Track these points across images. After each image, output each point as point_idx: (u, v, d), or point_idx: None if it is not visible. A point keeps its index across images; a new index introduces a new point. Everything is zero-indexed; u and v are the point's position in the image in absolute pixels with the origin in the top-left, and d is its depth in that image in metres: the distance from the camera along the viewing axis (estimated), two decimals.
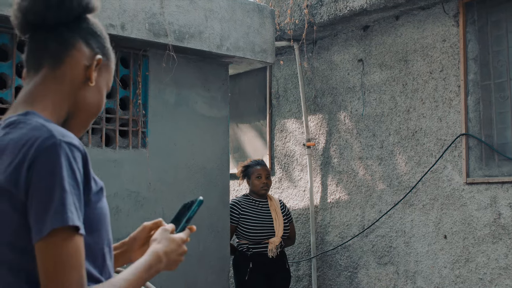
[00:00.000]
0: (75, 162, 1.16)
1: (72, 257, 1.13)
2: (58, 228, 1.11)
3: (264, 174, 4.68)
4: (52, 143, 1.14)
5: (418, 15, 4.55)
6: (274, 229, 4.57)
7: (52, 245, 1.12)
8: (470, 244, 4.12)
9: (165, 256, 1.37)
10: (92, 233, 1.23)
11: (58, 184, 1.12)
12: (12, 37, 3.48)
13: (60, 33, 1.28)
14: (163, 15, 3.88)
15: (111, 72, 1.40)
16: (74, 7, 1.26)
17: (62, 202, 1.12)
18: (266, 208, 4.68)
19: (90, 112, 1.35)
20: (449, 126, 4.30)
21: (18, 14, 1.28)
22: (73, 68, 1.29)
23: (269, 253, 4.51)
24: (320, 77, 5.31)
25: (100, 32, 1.35)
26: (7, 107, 3.46)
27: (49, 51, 1.28)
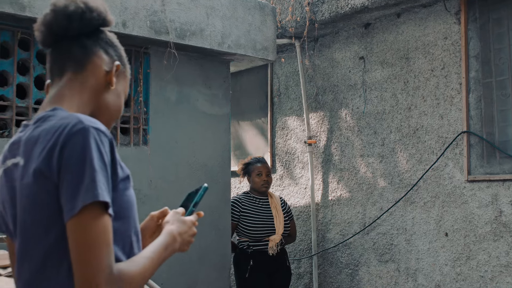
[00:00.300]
0: (103, 146, 1.23)
1: (102, 234, 1.19)
2: (88, 206, 1.18)
3: (264, 172, 4.66)
4: (81, 128, 1.22)
5: (419, 13, 4.54)
6: (274, 226, 4.56)
7: (84, 222, 1.18)
8: (471, 241, 4.12)
9: (179, 236, 1.45)
10: (120, 219, 1.30)
11: (88, 164, 1.19)
12: (13, 35, 3.48)
13: (82, 42, 1.41)
14: (165, 13, 3.88)
15: (127, 80, 1.52)
16: (93, 19, 1.40)
17: (92, 179, 1.19)
18: (267, 206, 4.66)
19: (110, 114, 1.46)
20: (451, 124, 4.29)
21: (42, 28, 1.39)
22: (94, 73, 1.41)
23: (269, 251, 4.50)
24: (322, 74, 5.31)
25: (116, 43, 1.49)
26: (8, 105, 3.46)
27: (73, 57, 1.40)
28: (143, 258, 1.30)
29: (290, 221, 4.74)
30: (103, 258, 1.18)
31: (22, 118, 3.51)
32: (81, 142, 1.20)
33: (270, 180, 4.72)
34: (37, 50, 3.61)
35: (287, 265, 4.64)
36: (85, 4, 1.39)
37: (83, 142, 1.20)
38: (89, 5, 1.40)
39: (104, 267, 1.18)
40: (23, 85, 3.57)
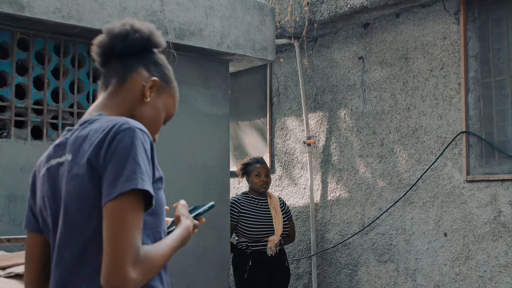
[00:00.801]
0: (146, 145, 1.38)
1: (135, 219, 1.30)
2: (125, 193, 1.29)
3: (263, 172, 4.65)
4: (128, 127, 1.36)
5: (418, 13, 4.55)
6: (273, 227, 4.55)
7: (119, 205, 1.29)
8: (470, 241, 4.12)
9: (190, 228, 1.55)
10: (152, 215, 1.42)
11: (132, 158, 1.32)
12: (12, 35, 3.48)
13: (125, 60, 1.57)
14: (164, 13, 3.88)
15: (171, 98, 1.64)
16: (136, 40, 1.55)
17: (133, 171, 1.31)
18: (266, 206, 4.65)
19: (146, 127, 1.52)
20: (450, 124, 4.30)
21: (96, 49, 1.57)
22: (133, 87, 1.55)
23: (268, 251, 4.49)
24: (321, 74, 5.31)
25: (162, 63, 1.63)
26: (7, 105, 3.45)
27: (116, 73, 1.56)
28: (165, 245, 1.40)
29: (289, 221, 4.73)
30: (133, 239, 1.28)
31: (21, 118, 3.50)
32: (128, 138, 1.34)
33: (269, 180, 4.71)
34: (36, 51, 3.61)
35: (286, 265, 4.62)
36: (131, 27, 1.56)
37: (130, 139, 1.34)
38: (134, 27, 1.56)
39: (132, 247, 1.27)
40: (22, 85, 3.56)
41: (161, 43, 1.62)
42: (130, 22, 1.58)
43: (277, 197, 4.78)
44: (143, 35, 1.57)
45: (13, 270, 2.38)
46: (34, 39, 3.57)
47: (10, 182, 3.37)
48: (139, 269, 1.28)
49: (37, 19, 3.34)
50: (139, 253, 1.28)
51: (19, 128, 3.53)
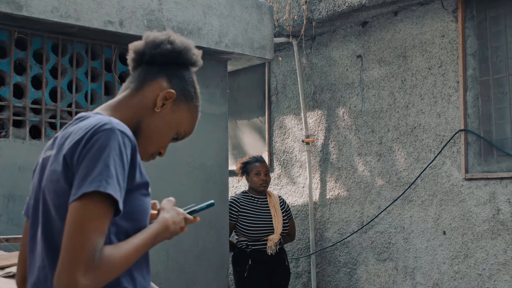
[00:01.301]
0: (124, 148, 1.32)
1: (94, 221, 1.25)
2: (89, 194, 1.25)
3: (263, 171, 4.63)
4: (108, 128, 1.32)
5: (416, 11, 4.54)
6: (273, 226, 4.52)
7: (79, 206, 1.25)
8: (469, 240, 4.12)
9: (173, 225, 1.49)
10: (132, 221, 1.38)
11: (103, 159, 1.28)
12: (10, 34, 3.47)
13: (150, 68, 1.55)
14: (162, 12, 3.87)
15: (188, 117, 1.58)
16: (166, 51, 1.54)
17: (100, 173, 1.26)
18: (265, 205, 4.63)
19: (150, 138, 1.53)
20: (448, 122, 4.30)
21: (130, 54, 1.58)
22: (147, 94, 1.52)
23: (268, 250, 4.46)
24: (319, 73, 5.30)
25: (188, 80, 1.59)
26: (5, 104, 3.45)
27: (137, 78, 1.55)
28: (130, 246, 1.34)
29: (289, 220, 4.72)
30: (88, 243, 1.23)
31: (19, 118, 3.50)
32: (104, 139, 1.30)
33: (269, 179, 4.69)
34: (34, 50, 3.60)
35: (286, 264, 4.61)
36: (167, 38, 1.56)
37: (106, 140, 1.30)
38: (170, 39, 1.56)
39: (86, 252, 1.23)
40: (20, 84, 3.56)
41: (193, 60, 1.60)
42: (170, 34, 1.58)
43: (277, 196, 4.76)
44: (175, 48, 1.56)
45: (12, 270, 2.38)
46: (32, 39, 3.57)
47: (9, 182, 3.37)
48: (91, 274, 1.23)
49: (35, 18, 3.33)
50: (94, 258, 1.23)
51: (17, 128, 3.52)
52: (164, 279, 4.03)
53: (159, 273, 4.02)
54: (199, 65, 1.62)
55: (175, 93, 1.53)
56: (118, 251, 1.30)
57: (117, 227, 1.35)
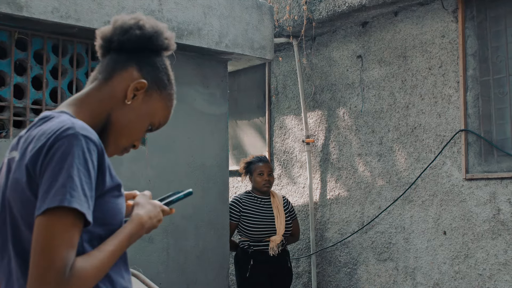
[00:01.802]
0: (89, 154, 1.25)
1: (61, 236, 1.19)
2: (53, 208, 1.19)
3: (266, 171, 4.59)
4: (71, 134, 1.25)
5: (417, 11, 4.55)
6: (275, 227, 4.48)
7: (45, 222, 1.20)
8: (470, 240, 4.12)
9: (149, 220, 1.43)
10: (104, 226, 1.32)
11: (66, 169, 1.21)
12: (11, 35, 3.47)
13: (119, 56, 1.45)
14: (162, 12, 3.88)
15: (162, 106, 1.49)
16: (135, 37, 1.43)
17: (63, 185, 1.20)
18: (268, 206, 4.59)
19: (121, 132, 1.44)
20: (448, 122, 4.30)
21: (98, 40, 1.48)
22: (117, 85, 1.43)
23: (270, 251, 4.43)
24: (319, 73, 5.31)
25: (161, 67, 1.48)
26: (5, 105, 3.45)
27: (106, 68, 1.45)
28: (102, 252, 1.29)
29: (293, 221, 4.68)
30: (58, 259, 1.18)
31: (19, 118, 3.50)
32: (66, 146, 1.23)
33: (272, 179, 4.65)
34: (34, 50, 3.60)
35: (288, 266, 4.57)
36: (136, 22, 1.45)
37: (67, 148, 1.23)
38: (139, 23, 1.45)
39: (56, 269, 1.18)
40: (21, 85, 3.56)
41: (166, 45, 1.49)
42: (139, 17, 1.46)
43: (281, 196, 4.71)
44: (145, 33, 1.45)
45: None
46: (32, 39, 3.57)
47: None
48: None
49: (35, 19, 3.33)
50: (64, 275, 1.18)
51: (17, 128, 3.52)
52: (165, 279, 4.03)
53: (160, 273, 4.02)
54: (172, 49, 1.51)
55: (147, 82, 1.44)
56: (90, 262, 1.25)
57: (90, 234, 1.29)
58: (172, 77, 1.52)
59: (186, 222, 4.21)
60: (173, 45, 1.51)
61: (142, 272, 3.16)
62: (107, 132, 1.42)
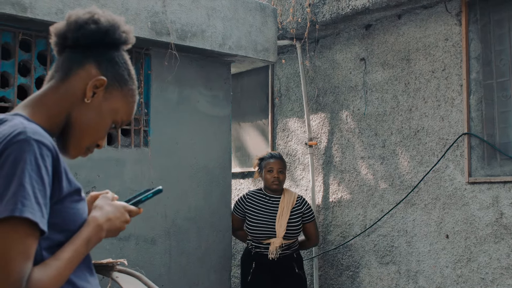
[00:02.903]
0: (42, 160, 1.19)
1: (16, 247, 1.14)
2: (4, 218, 1.14)
3: (276, 168, 4.41)
4: (22, 139, 1.19)
5: (420, 14, 4.54)
6: (275, 228, 4.28)
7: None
8: (472, 243, 4.11)
9: (107, 222, 1.38)
10: (63, 232, 1.28)
11: (17, 177, 1.15)
12: (15, 36, 3.48)
13: (75, 53, 1.39)
14: (165, 14, 3.88)
15: (124, 103, 1.43)
16: (91, 32, 1.37)
17: (14, 194, 1.14)
18: (276, 205, 4.38)
19: (83, 132, 1.38)
20: (451, 125, 4.29)
21: (52, 37, 1.41)
22: (75, 84, 1.37)
23: (269, 255, 4.24)
24: (322, 76, 5.31)
25: (120, 62, 1.42)
26: (9, 106, 3.46)
27: (62, 66, 1.39)
28: (59, 260, 1.25)
29: (308, 223, 4.46)
30: (12, 272, 1.13)
31: None
32: (16, 153, 1.17)
33: (282, 177, 4.44)
34: (38, 52, 3.61)
35: (296, 272, 4.34)
36: (91, 17, 1.38)
37: (18, 154, 1.17)
38: (94, 17, 1.39)
39: (13, 281, 1.13)
40: (24, 86, 3.57)
41: (123, 39, 1.43)
42: (94, 11, 1.40)
43: (294, 196, 4.47)
44: (100, 27, 1.39)
45: None
46: (36, 40, 3.58)
47: None
48: None
49: (39, 20, 3.34)
50: (21, 287, 1.14)
51: None
52: (167, 281, 4.03)
53: (162, 275, 4.02)
54: (130, 43, 1.45)
55: (106, 79, 1.38)
56: (47, 272, 1.21)
57: (49, 241, 1.26)
58: (133, 72, 1.47)
59: (188, 224, 4.21)
60: (132, 39, 1.46)
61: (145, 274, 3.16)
62: (68, 133, 1.37)
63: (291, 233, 4.32)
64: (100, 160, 3.72)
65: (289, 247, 4.32)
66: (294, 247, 4.37)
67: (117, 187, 3.79)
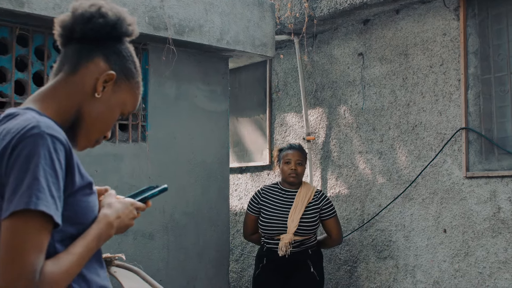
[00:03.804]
0: (56, 154, 1.21)
1: (29, 241, 1.16)
2: (19, 211, 1.15)
3: (294, 160, 4.15)
4: (35, 133, 1.20)
5: (418, 9, 4.54)
6: (286, 223, 4.04)
7: (12, 226, 1.16)
8: (470, 238, 4.12)
9: (117, 220, 1.40)
10: (75, 225, 1.30)
11: (31, 170, 1.17)
12: (12, 31, 3.47)
13: (83, 46, 1.39)
14: (163, 9, 3.87)
15: (131, 95, 1.46)
16: (98, 25, 1.38)
17: (29, 187, 1.16)
18: (291, 199, 4.15)
19: (93, 125, 1.40)
20: (449, 120, 4.30)
21: (57, 29, 1.41)
22: (84, 78, 1.38)
23: (279, 251, 4.00)
24: (320, 71, 5.30)
25: (126, 55, 1.44)
26: (6, 101, 3.45)
27: (70, 59, 1.39)
28: (71, 255, 1.26)
29: (327, 220, 4.19)
30: (26, 265, 1.15)
31: None
32: (30, 147, 1.19)
33: (301, 170, 4.19)
34: (35, 46, 3.60)
35: (311, 271, 4.07)
36: (98, 10, 1.39)
37: (32, 148, 1.19)
38: (101, 10, 1.39)
39: (25, 274, 1.14)
40: (22, 81, 3.56)
41: (130, 31, 1.44)
42: (99, 3, 1.40)
43: (312, 189, 4.22)
44: (108, 21, 1.39)
45: None
46: (33, 35, 3.57)
47: None
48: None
49: (37, 15, 3.33)
50: (33, 281, 1.15)
51: None
52: (165, 276, 4.04)
53: (160, 270, 4.03)
54: (136, 35, 1.46)
55: (115, 73, 1.40)
56: (60, 266, 1.22)
57: (62, 234, 1.27)
58: (138, 65, 1.49)
59: (186, 219, 4.21)
60: (136, 31, 1.46)
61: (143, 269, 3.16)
62: (78, 126, 1.39)
63: (304, 230, 4.06)
64: (98, 155, 3.72)
65: (302, 244, 4.08)
66: (309, 244, 4.12)
67: (115, 182, 3.79)
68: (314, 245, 4.16)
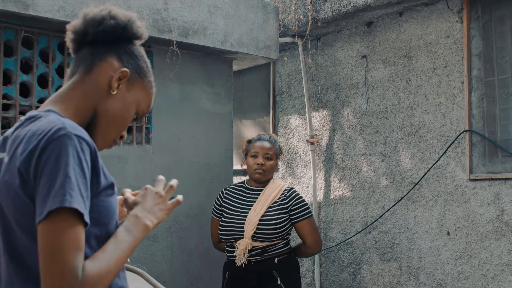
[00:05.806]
0: (83, 154, 1.24)
1: (68, 240, 1.17)
2: (55, 211, 1.16)
3: (261, 153, 3.48)
4: (63, 134, 1.22)
5: (422, 11, 4.55)
6: (243, 228, 3.37)
7: (50, 227, 1.17)
8: (473, 240, 4.12)
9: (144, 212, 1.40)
10: (99, 225, 1.31)
11: (62, 170, 1.19)
12: (17, 33, 3.49)
13: (96, 48, 1.44)
14: (167, 11, 3.89)
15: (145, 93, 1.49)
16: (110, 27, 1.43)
17: (62, 186, 1.18)
18: (253, 200, 3.48)
19: (110, 123, 1.43)
20: (453, 123, 4.30)
21: (69, 35, 1.47)
22: (100, 77, 1.42)
23: (236, 260, 3.33)
24: (324, 73, 5.31)
25: (138, 55, 1.49)
26: (12, 103, 3.47)
27: (84, 61, 1.44)
28: (107, 252, 1.26)
29: (298, 223, 3.47)
30: (68, 264, 1.16)
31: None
32: (59, 148, 1.21)
33: (269, 166, 3.50)
34: (40, 49, 3.62)
35: (277, 283, 3.33)
36: (108, 13, 1.44)
37: (61, 149, 1.21)
38: (111, 14, 1.44)
39: (68, 273, 1.15)
40: (27, 83, 3.58)
41: (140, 33, 1.49)
42: (109, 8, 1.46)
43: (281, 187, 3.52)
44: (119, 22, 1.44)
45: None
46: (38, 38, 3.58)
47: None
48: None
49: (42, 17, 3.35)
50: (77, 279, 1.16)
51: None
52: (169, 278, 4.05)
53: (164, 272, 4.04)
54: (145, 37, 1.51)
55: (129, 71, 1.44)
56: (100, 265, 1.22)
57: (87, 234, 1.27)
58: (149, 65, 1.53)
59: (190, 221, 4.22)
60: (146, 34, 1.51)
61: (147, 271, 3.18)
62: (95, 126, 1.42)
63: (265, 234, 3.34)
64: (102, 157, 3.70)
65: (264, 251, 3.36)
66: (274, 251, 3.39)
67: (119, 184, 3.80)
68: (283, 253, 3.42)
